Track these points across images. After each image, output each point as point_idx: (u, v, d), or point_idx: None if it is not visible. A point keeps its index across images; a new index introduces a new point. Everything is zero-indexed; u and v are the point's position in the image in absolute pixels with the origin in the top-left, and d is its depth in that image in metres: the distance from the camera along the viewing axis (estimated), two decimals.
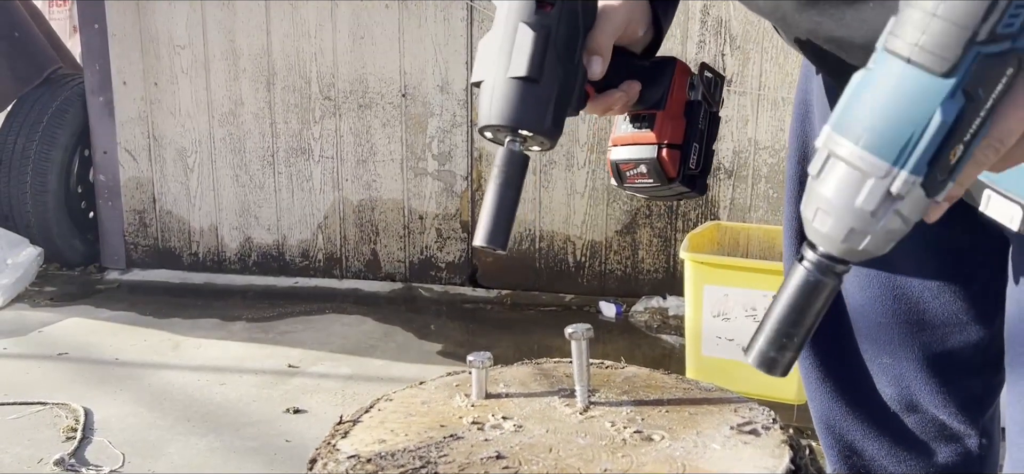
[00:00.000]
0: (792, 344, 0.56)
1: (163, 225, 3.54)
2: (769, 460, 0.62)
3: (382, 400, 0.74)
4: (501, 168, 0.73)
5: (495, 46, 0.71)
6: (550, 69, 0.70)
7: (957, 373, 0.85)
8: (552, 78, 0.70)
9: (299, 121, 3.35)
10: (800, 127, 0.89)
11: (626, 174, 0.77)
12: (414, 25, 3.18)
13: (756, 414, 0.69)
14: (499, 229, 0.72)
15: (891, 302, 0.84)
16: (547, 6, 0.70)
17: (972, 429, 0.87)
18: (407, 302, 3.18)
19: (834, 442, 0.92)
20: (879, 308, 0.85)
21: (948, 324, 0.83)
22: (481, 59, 0.72)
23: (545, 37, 0.69)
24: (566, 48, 0.70)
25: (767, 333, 0.56)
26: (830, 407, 0.91)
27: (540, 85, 0.70)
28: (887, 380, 0.87)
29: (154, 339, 2.80)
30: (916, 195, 0.51)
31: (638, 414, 0.69)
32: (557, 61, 0.70)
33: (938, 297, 0.82)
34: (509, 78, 0.70)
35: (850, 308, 0.88)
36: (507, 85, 0.70)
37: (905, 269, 0.82)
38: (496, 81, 0.70)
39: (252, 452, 2.07)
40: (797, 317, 0.55)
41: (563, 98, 0.71)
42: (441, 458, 0.62)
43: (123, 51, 3.41)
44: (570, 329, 0.71)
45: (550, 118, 0.71)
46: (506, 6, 0.71)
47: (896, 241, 0.54)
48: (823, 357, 0.90)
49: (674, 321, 2.93)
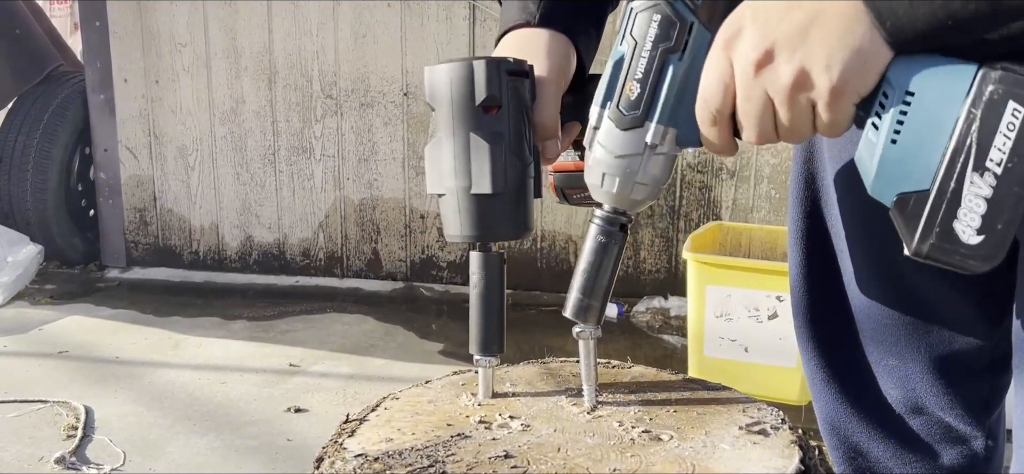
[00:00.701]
0: (598, 293, 0.68)
1: (164, 223, 3.53)
2: (779, 460, 0.61)
3: (388, 399, 0.74)
4: (480, 274, 0.71)
5: (448, 157, 0.68)
6: (510, 172, 0.68)
7: (964, 375, 0.85)
8: (513, 180, 0.68)
9: (300, 119, 3.34)
10: None
11: (571, 196, 0.76)
12: (416, 24, 3.18)
13: (765, 414, 0.69)
14: (492, 337, 0.72)
15: (897, 304, 0.83)
16: (493, 109, 0.67)
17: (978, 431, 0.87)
18: (408, 301, 3.18)
19: (839, 444, 0.92)
20: (885, 310, 0.84)
21: (955, 326, 0.83)
22: (434, 170, 0.69)
23: (501, 147, 0.67)
24: (519, 145, 0.68)
25: (575, 287, 0.68)
26: (835, 409, 0.91)
27: (507, 193, 0.68)
28: (893, 382, 0.87)
29: (154, 338, 2.79)
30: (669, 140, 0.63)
31: (646, 414, 0.69)
32: (514, 160, 0.68)
33: (945, 299, 0.82)
34: (473, 195, 0.68)
35: (856, 310, 0.87)
36: (471, 201, 0.68)
37: (912, 271, 0.82)
38: (459, 198, 0.69)
39: (253, 451, 2.07)
40: (596, 270, 0.67)
41: (526, 194, 0.70)
42: (449, 457, 0.61)
43: (124, 49, 3.40)
44: (578, 328, 0.71)
45: (520, 220, 0.70)
46: (448, 112, 0.68)
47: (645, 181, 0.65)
48: (828, 359, 0.90)
49: (676, 321, 2.92)
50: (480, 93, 0.67)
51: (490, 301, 0.72)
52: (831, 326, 0.89)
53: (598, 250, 0.67)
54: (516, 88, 0.68)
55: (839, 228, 0.86)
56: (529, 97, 0.70)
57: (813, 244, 0.88)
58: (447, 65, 0.68)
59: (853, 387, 0.90)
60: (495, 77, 0.67)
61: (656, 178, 0.65)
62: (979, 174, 0.53)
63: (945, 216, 0.54)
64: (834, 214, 0.86)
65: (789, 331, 2.17)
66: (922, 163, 0.55)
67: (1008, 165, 0.52)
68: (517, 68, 0.69)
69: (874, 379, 0.88)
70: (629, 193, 0.65)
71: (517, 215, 0.70)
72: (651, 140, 0.63)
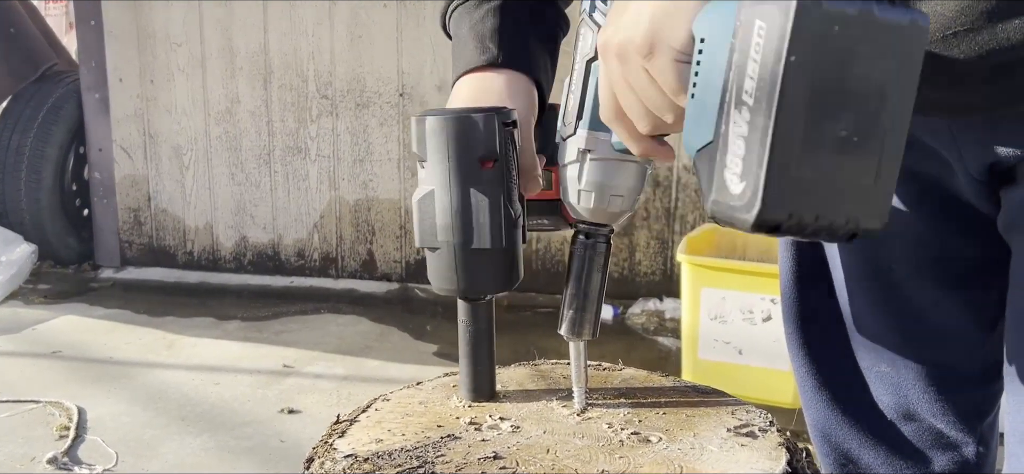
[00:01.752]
0: (590, 307, 0.68)
1: (158, 223, 3.53)
2: (766, 462, 0.61)
3: (379, 400, 0.74)
4: (469, 321, 0.71)
5: (443, 213, 0.66)
6: (507, 225, 0.68)
7: (956, 382, 0.85)
8: (510, 232, 0.68)
9: (296, 120, 3.34)
10: None
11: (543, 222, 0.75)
12: (412, 24, 3.18)
13: (753, 416, 0.69)
14: (483, 384, 0.72)
15: (889, 310, 0.83)
16: (489, 163, 0.66)
17: (969, 437, 0.86)
18: (403, 303, 3.18)
19: (830, 450, 0.92)
20: (878, 316, 0.84)
21: (947, 332, 0.82)
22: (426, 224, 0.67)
23: (500, 201, 0.66)
24: (510, 195, 0.68)
25: (567, 305, 0.68)
26: (826, 415, 0.91)
27: (507, 247, 0.68)
28: (885, 388, 0.87)
29: (148, 338, 2.79)
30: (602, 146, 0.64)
31: (635, 416, 0.69)
32: (511, 212, 0.67)
33: (938, 306, 0.81)
34: (473, 250, 0.67)
35: (847, 315, 0.87)
36: (470, 256, 0.67)
37: (906, 278, 0.81)
38: (457, 254, 0.67)
39: (246, 452, 2.06)
40: (585, 286, 0.67)
41: (518, 245, 0.69)
42: (438, 458, 0.61)
43: (119, 48, 3.40)
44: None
45: (515, 271, 0.70)
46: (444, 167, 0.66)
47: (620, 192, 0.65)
48: (819, 365, 0.90)
49: (671, 323, 2.93)
50: (479, 148, 0.65)
51: (480, 348, 0.72)
52: (822, 331, 0.89)
53: (584, 265, 0.67)
54: (509, 139, 0.68)
55: None
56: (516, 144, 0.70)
57: (804, 248, 0.88)
58: (441, 118, 0.66)
59: (844, 393, 0.89)
60: (495, 131, 0.66)
61: (631, 188, 0.65)
62: (739, 111, 0.47)
63: (719, 166, 0.49)
64: None
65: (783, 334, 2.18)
66: (709, 112, 0.50)
67: (756, 94, 0.46)
68: (510, 118, 0.69)
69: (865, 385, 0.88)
70: (606, 206, 0.65)
71: (512, 267, 0.70)
72: (582, 145, 0.63)
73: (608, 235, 0.67)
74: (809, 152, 0.46)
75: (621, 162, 0.64)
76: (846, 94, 0.46)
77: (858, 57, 0.46)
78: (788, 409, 2.13)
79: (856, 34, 0.46)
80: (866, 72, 0.46)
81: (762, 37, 0.46)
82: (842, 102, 0.46)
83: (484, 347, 0.72)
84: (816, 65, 0.45)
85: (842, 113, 0.46)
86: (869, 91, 0.47)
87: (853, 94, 0.46)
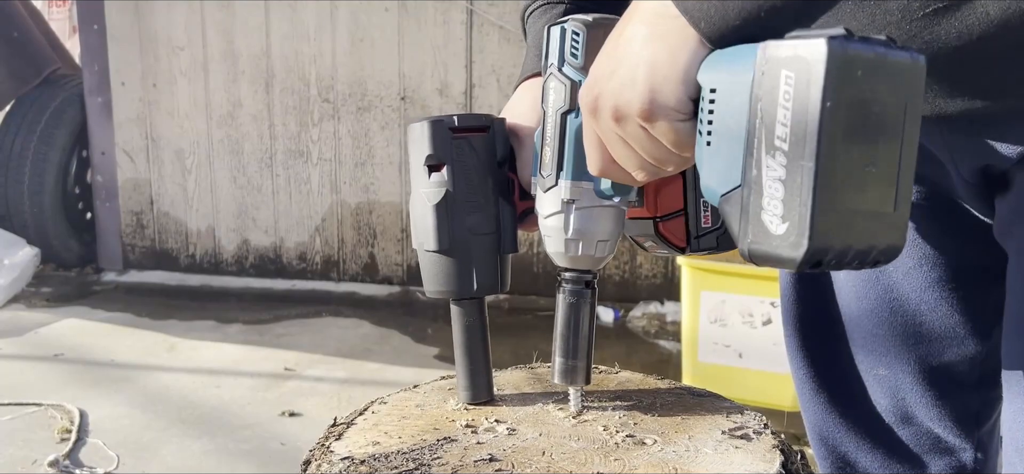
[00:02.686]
0: (581, 353, 0.68)
1: (160, 227, 3.54)
2: (760, 464, 0.62)
3: (376, 403, 0.74)
4: (459, 323, 0.72)
5: (415, 212, 0.71)
6: (457, 231, 0.68)
7: (953, 386, 0.85)
8: (462, 238, 0.69)
9: (297, 123, 3.35)
10: None
11: (645, 245, 0.73)
12: (413, 28, 3.19)
13: (748, 419, 0.69)
14: (480, 385, 0.72)
15: (888, 313, 0.83)
16: (440, 166, 0.68)
17: (967, 442, 0.86)
18: (404, 306, 3.18)
19: (827, 453, 0.92)
20: (876, 319, 0.84)
21: (945, 337, 0.82)
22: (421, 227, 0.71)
23: (444, 205, 0.68)
24: (470, 202, 0.69)
25: (557, 352, 0.69)
26: (824, 418, 0.91)
27: (454, 251, 0.69)
28: (882, 392, 0.87)
29: (150, 341, 2.80)
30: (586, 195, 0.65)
31: (631, 419, 0.69)
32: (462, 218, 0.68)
33: (936, 310, 0.81)
34: (425, 251, 0.70)
35: (846, 319, 0.87)
36: (426, 258, 0.70)
37: (904, 280, 0.81)
38: (420, 254, 0.71)
39: (247, 455, 2.07)
40: (574, 332, 0.68)
41: (483, 252, 0.70)
42: (434, 460, 0.62)
43: (122, 52, 3.41)
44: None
45: (482, 276, 0.70)
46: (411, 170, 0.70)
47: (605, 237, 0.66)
48: (817, 368, 0.90)
49: (672, 327, 2.93)
50: (424, 152, 0.68)
51: (473, 349, 0.72)
52: (821, 334, 0.89)
53: (571, 312, 0.68)
54: (466, 146, 0.69)
55: None
56: (491, 152, 0.70)
57: None
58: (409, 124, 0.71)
59: (842, 396, 0.89)
60: (436, 136, 0.68)
61: (612, 232, 0.66)
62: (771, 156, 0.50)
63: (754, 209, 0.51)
64: None
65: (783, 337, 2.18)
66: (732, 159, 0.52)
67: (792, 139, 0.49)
68: (468, 125, 0.69)
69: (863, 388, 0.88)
70: (593, 253, 0.66)
71: (465, 272, 0.70)
72: (566, 196, 0.64)
73: (592, 280, 0.68)
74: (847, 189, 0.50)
75: (603, 208, 0.65)
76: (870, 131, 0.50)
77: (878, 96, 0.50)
78: (788, 412, 2.14)
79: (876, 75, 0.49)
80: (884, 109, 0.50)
81: (791, 86, 0.49)
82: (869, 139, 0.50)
83: (476, 348, 0.72)
84: (847, 107, 0.49)
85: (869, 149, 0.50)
86: (888, 127, 0.50)
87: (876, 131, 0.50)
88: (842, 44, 0.48)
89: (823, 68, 0.48)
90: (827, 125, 0.48)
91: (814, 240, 0.49)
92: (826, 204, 0.49)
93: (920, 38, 0.58)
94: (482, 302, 0.73)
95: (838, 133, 0.48)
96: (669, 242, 0.69)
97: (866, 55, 0.49)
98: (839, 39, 0.48)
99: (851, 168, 0.49)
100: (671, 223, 0.69)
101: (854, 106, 0.49)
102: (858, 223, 0.50)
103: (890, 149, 0.50)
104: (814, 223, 0.49)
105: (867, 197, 0.50)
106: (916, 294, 0.81)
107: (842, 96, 0.48)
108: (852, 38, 0.49)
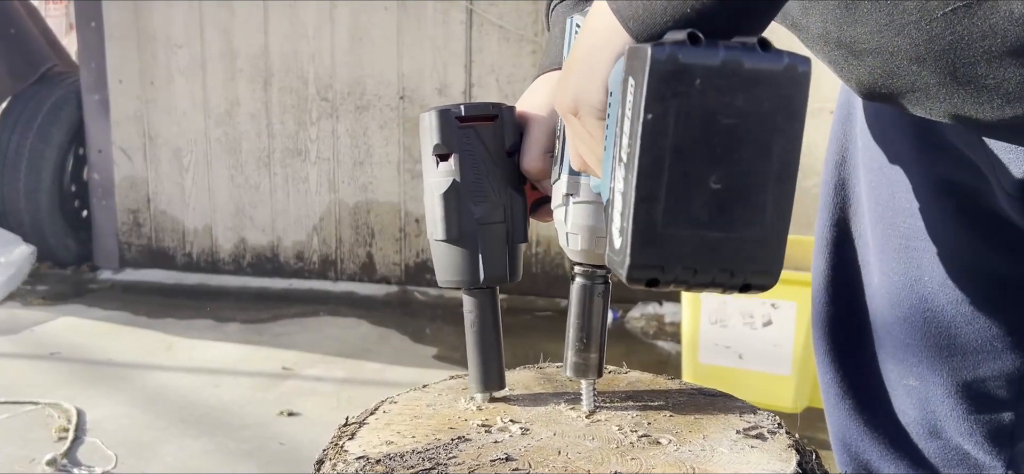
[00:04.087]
0: (593, 346, 0.67)
1: (157, 225, 3.53)
2: (777, 463, 0.61)
3: (386, 402, 0.74)
4: (472, 312, 0.72)
5: (426, 202, 0.71)
6: (465, 220, 0.69)
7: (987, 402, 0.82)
8: (469, 227, 0.69)
9: (296, 122, 3.34)
10: (841, 129, 0.85)
11: None
12: (413, 27, 3.18)
13: (761, 419, 0.69)
14: (492, 375, 0.72)
15: (922, 323, 0.80)
16: (448, 156, 0.68)
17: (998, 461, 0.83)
18: (402, 305, 3.17)
19: (850, 460, 0.90)
20: (909, 328, 0.81)
21: (981, 351, 0.79)
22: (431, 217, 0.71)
23: (451, 193, 0.68)
24: (476, 192, 0.69)
25: (570, 346, 0.68)
26: (847, 425, 0.89)
27: (462, 241, 0.69)
28: (912, 403, 0.84)
29: (147, 340, 2.79)
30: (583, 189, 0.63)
31: (644, 418, 0.69)
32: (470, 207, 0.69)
33: (972, 323, 0.78)
34: (435, 241, 0.71)
35: (877, 325, 0.85)
36: (436, 248, 0.71)
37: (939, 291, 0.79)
38: (432, 242, 0.72)
39: (246, 455, 2.06)
40: (587, 325, 0.67)
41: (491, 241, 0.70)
42: (450, 460, 0.61)
43: (119, 50, 3.39)
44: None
45: (490, 266, 0.70)
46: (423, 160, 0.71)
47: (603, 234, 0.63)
48: (844, 372, 0.88)
49: (670, 328, 2.93)
50: (432, 141, 0.68)
51: (486, 338, 0.72)
52: (850, 339, 0.87)
53: (583, 308, 0.68)
54: (473, 135, 0.69)
55: (867, 239, 0.83)
56: (500, 141, 0.70)
57: (839, 253, 0.86)
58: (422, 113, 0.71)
59: (868, 403, 0.87)
60: (443, 126, 0.68)
61: None
62: (619, 167, 0.48)
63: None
64: (863, 224, 0.83)
65: (784, 338, 2.18)
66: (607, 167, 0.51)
67: (629, 150, 0.46)
68: (476, 114, 0.69)
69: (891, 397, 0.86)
70: (594, 248, 0.65)
71: (473, 262, 0.70)
72: (565, 189, 0.65)
73: (605, 276, 0.68)
74: (676, 209, 0.46)
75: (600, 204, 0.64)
76: (716, 147, 0.46)
77: (728, 109, 0.45)
78: (788, 414, 2.14)
79: (723, 85, 0.45)
80: (738, 124, 0.45)
81: (631, 94, 0.46)
82: (712, 156, 0.46)
83: (488, 339, 0.72)
84: (680, 119, 0.45)
85: (714, 167, 0.46)
86: (743, 143, 0.46)
87: (724, 147, 0.46)
88: (671, 51, 0.44)
89: (646, 78, 0.45)
90: (648, 138, 0.45)
91: (635, 258, 0.47)
92: (648, 224, 0.46)
93: (942, 39, 0.56)
94: (493, 292, 0.73)
95: (666, 146, 0.45)
96: None
97: (708, 64, 0.45)
98: (669, 46, 0.45)
99: (687, 188, 0.46)
100: None
101: (690, 118, 0.45)
102: (701, 247, 0.47)
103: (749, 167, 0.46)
104: (635, 241, 0.46)
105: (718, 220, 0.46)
106: (953, 306, 0.78)
107: (670, 108, 0.45)
108: (696, 44, 0.45)
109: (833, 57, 0.63)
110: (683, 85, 0.45)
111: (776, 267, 0.48)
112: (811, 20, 0.62)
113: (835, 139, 0.86)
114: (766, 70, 0.45)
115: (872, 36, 0.58)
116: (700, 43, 0.45)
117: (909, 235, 0.79)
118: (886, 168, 0.79)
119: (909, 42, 0.57)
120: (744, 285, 0.49)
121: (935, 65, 0.57)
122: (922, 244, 0.78)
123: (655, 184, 0.46)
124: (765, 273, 0.48)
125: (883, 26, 0.58)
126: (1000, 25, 0.53)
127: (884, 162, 0.79)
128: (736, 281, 0.48)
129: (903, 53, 0.58)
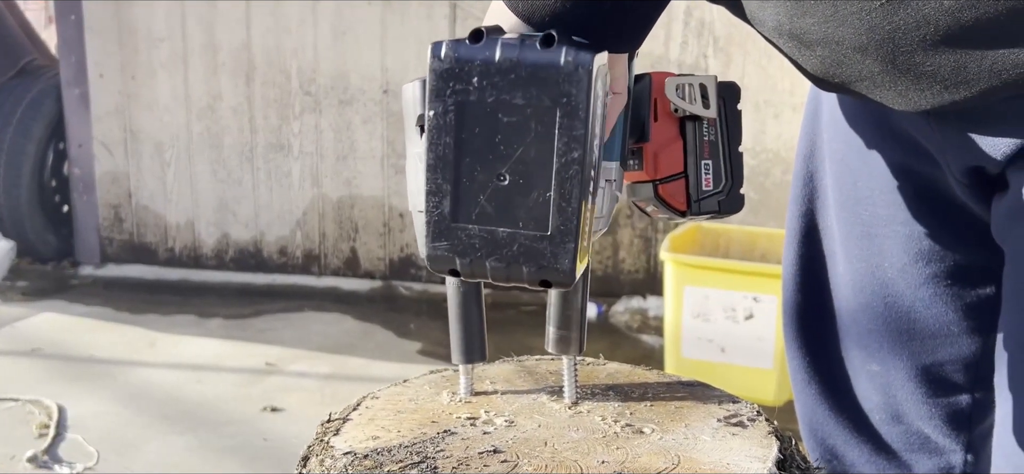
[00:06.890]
0: (573, 324, 0.68)
1: (139, 220, 3.50)
2: (759, 450, 0.63)
3: (368, 398, 0.74)
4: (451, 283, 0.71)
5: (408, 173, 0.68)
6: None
7: (945, 387, 0.84)
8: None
9: (278, 117, 3.33)
10: (810, 123, 0.87)
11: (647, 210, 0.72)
12: (397, 21, 3.17)
13: (741, 407, 0.70)
14: (474, 343, 0.71)
15: (882, 309, 0.82)
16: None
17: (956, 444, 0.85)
18: (387, 300, 3.17)
19: (816, 445, 0.92)
20: (871, 315, 0.83)
21: (938, 336, 0.81)
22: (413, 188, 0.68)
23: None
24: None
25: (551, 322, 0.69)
26: (814, 410, 0.91)
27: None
28: (874, 388, 0.86)
29: (129, 336, 2.77)
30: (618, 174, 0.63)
31: (626, 409, 0.70)
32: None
33: (930, 308, 0.80)
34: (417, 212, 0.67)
35: (841, 313, 0.87)
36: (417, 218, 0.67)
37: (899, 277, 0.81)
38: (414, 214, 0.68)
39: (230, 451, 2.05)
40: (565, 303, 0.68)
41: None
42: (438, 453, 0.62)
43: (100, 43, 3.36)
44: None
45: None
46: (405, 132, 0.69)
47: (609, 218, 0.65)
48: (812, 359, 0.90)
49: (655, 322, 2.94)
50: (416, 112, 0.65)
51: (468, 308, 0.72)
52: (817, 327, 0.89)
53: None
54: None
55: (833, 229, 0.85)
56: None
57: (807, 244, 0.88)
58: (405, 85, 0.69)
59: (833, 389, 0.89)
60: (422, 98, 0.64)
61: (605, 212, 0.66)
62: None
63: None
64: (829, 214, 0.85)
65: (766, 332, 2.20)
66: None
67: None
68: None
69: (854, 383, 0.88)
70: None
71: None
72: None
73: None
74: (463, 203, 0.46)
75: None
76: (500, 144, 0.46)
77: (507, 105, 0.45)
78: (770, 406, 2.16)
79: (501, 82, 0.45)
80: (519, 120, 0.45)
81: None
82: (496, 152, 0.46)
83: (471, 307, 0.71)
84: (459, 117, 0.45)
85: (499, 163, 0.46)
86: (525, 139, 0.46)
87: (507, 143, 0.46)
88: (450, 47, 0.45)
89: (427, 75, 0.45)
90: (431, 134, 0.46)
91: (430, 249, 0.48)
92: (437, 215, 0.47)
93: (881, 29, 0.57)
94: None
95: (449, 142, 0.45)
96: (669, 205, 0.68)
97: (484, 59, 0.45)
98: (450, 42, 0.45)
99: (473, 180, 0.46)
100: (671, 186, 0.67)
101: (472, 114, 0.45)
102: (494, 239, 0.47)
103: (534, 163, 0.46)
104: (429, 233, 0.48)
105: (507, 213, 0.46)
106: (911, 291, 0.80)
107: (450, 104, 0.45)
108: (476, 41, 0.45)
109: (788, 48, 0.64)
110: (461, 82, 0.45)
111: (565, 262, 0.48)
112: (766, 14, 0.63)
113: (805, 133, 0.88)
114: (545, 66, 0.45)
115: (819, 27, 0.60)
116: (480, 40, 0.45)
117: (870, 223, 0.81)
118: (849, 158, 0.81)
119: (852, 32, 0.58)
120: (542, 280, 0.49)
121: (877, 54, 0.58)
122: (883, 231, 0.80)
123: (441, 179, 0.46)
124: (555, 269, 0.48)
125: (828, 17, 0.59)
126: (932, 15, 0.55)
127: (847, 152, 0.81)
128: (534, 276, 0.48)
129: (847, 43, 0.59)
